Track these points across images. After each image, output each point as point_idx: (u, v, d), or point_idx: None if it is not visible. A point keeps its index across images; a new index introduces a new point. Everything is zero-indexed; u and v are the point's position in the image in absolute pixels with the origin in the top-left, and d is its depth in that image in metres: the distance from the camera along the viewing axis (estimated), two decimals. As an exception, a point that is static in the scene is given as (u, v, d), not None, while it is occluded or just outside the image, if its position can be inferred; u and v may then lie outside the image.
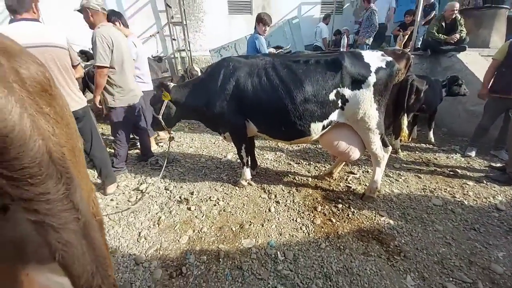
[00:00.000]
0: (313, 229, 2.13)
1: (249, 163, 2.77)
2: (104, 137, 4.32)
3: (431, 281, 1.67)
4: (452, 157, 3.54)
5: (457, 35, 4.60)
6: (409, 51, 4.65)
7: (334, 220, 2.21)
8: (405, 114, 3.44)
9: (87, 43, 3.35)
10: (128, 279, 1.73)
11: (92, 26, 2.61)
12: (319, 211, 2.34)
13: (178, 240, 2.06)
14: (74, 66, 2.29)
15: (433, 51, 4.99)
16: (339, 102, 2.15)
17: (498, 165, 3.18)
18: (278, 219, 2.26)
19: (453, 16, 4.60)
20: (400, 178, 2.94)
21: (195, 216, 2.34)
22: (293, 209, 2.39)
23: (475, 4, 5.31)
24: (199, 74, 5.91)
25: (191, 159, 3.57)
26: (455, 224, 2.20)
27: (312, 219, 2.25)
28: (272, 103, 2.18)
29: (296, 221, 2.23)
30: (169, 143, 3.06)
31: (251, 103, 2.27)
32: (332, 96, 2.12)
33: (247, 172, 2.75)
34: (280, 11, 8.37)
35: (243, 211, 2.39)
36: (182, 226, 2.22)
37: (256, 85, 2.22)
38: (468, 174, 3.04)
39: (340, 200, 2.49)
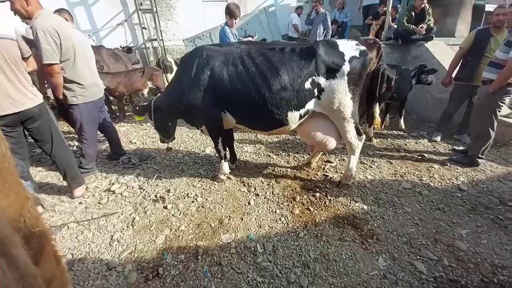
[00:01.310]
0: (292, 219, 2.15)
1: (227, 156, 2.72)
2: (71, 135, 4.01)
3: (401, 261, 1.77)
4: (420, 142, 3.76)
5: (424, 26, 4.78)
6: (381, 40, 4.79)
7: (312, 209, 2.26)
8: (378, 103, 3.56)
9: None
10: (100, 286, 1.63)
11: (26, 16, 2.16)
12: (298, 201, 2.38)
13: (154, 241, 1.98)
14: (25, 59, 2.04)
15: (404, 40, 5.16)
16: (315, 91, 2.15)
17: (461, 148, 3.43)
18: (258, 212, 2.26)
19: (422, 6, 4.77)
20: (373, 164, 3.07)
21: (172, 215, 2.26)
22: (273, 201, 2.40)
23: (442, -6, 5.52)
24: (173, 65, 5.64)
25: (167, 155, 3.43)
26: (422, 206, 2.35)
27: (291, 209, 2.27)
28: (248, 92, 2.14)
29: (275, 212, 2.24)
30: (166, 152, 3.06)
31: (227, 93, 2.21)
32: (307, 85, 2.12)
33: (225, 166, 2.70)
34: (256, -1, 8.16)
35: (222, 206, 2.36)
36: (158, 226, 2.14)
37: (232, 74, 2.16)
38: (434, 158, 3.25)
39: (317, 189, 2.54)
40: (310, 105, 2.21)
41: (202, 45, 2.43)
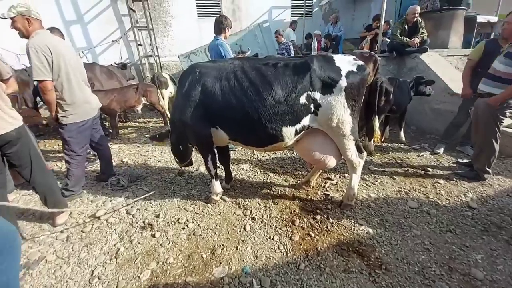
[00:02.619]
0: (291, 247, 1.96)
1: (217, 175, 2.59)
2: (61, 154, 3.84)
3: (415, 295, 1.58)
4: (423, 155, 3.63)
5: (417, 39, 4.79)
6: (376, 53, 4.78)
7: (313, 235, 2.07)
8: (377, 116, 3.48)
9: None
10: (72, 337, 1.42)
11: (25, 34, 2.24)
12: (297, 225, 2.19)
13: (139, 277, 1.78)
14: (4, 81, 1.92)
15: (398, 53, 5.18)
16: (311, 106, 2.05)
17: (465, 161, 3.30)
18: (254, 239, 2.07)
19: (415, 19, 4.81)
20: (376, 181, 2.91)
21: (160, 244, 2.07)
22: (270, 226, 2.22)
23: (434, 7, 5.61)
24: (168, 80, 5.58)
25: (159, 175, 3.26)
26: (432, 227, 2.17)
27: (290, 235, 2.09)
28: (241, 107, 2.05)
29: (273, 239, 2.05)
30: (179, 175, 3.07)
31: (219, 108, 2.13)
32: (303, 100, 2.02)
33: (217, 186, 2.56)
34: (251, 15, 8.31)
35: (215, 233, 2.17)
36: (144, 258, 1.94)
37: (224, 89, 2.08)
38: (438, 172, 3.10)
39: (318, 211, 2.36)
40: (306, 120, 2.10)
41: (197, 62, 2.37)
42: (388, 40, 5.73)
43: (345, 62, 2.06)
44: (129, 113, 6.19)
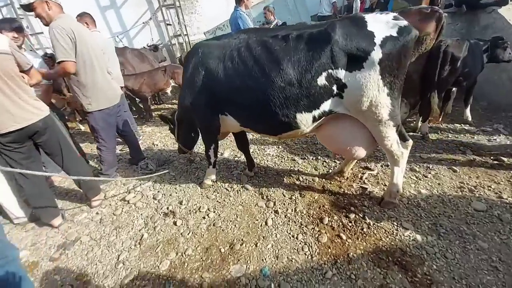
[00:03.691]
0: (317, 250, 1.73)
1: (216, 163, 2.54)
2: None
3: (477, 329, 1.24)
4: (495, 139, 2.88)
5: None
6: (439, 8, 3.80)
7: (344, 237, 1.79)
8: (436, 90, 2.79)
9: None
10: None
11: (47, 20, 2.22)
12: (326, 224, 1.93)
13: (158, 266, 1.78)
14: (25, 72, 1.95)
15: (469, 6, 4.04)
16: (334, 88, 1.64)
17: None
18: (276, 236, 1.89)
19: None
20: (429, 173, 2.40)
21: (181, 234, 2.03)
22: (295, 222, 2.00)
23: None
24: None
25: (185, 159, 3.25)
26: (504, 238, 1.69)
27: (317, 235, 1.84)
28: (247, 90, 1.78)
29: (297, 238, 1.84)
30: (190, 164, 3.04)
31: (225, 92, 1.89)
32: (322, 81, 1.62)
33: (213, 172, 2.57)
34: (283, -23, 7.39)
35: (235, 226, 2.04)
36: (165, 247, 1.94)
37: (228, 70, 1.81)
38: (519, 163, 2.41)
39: (352, 208, 2.04)
40: (328, 105, 1.71)
41: (200, 41, 2.11)
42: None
43: (381, 24, 1.55)
44: (163, 95, 6.33)
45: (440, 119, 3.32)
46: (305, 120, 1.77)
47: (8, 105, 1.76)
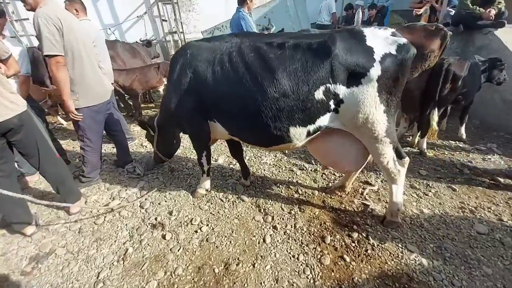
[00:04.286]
0: (320, 274, 1.61)
1: (209, 172, 2.41)
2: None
3: None
4: (490, 159, 2.91)
5: (493, 11, 3.75)
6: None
7: (348, 259, 1.69)
8: (436, 108, 2.79)
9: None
10: None
11: (33, 6, 2.01)
12: (329, 244, 1.82)
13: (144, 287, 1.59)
14: (2, 61, 1.72)
15: (466, 26, 4.16)
16: (331, 103, 1.57)
17: (553, 171, 2.55)
18: (275, 256, 1.75)
19: (492, -16, 3.73)
20: (430, 190, 2.36)
21: (170, 249, 1.85)
22: (295, 240, 1.88)
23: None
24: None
25: (176, 164, 3.06)
26: (507, 264, 1.65)
27: (319, 256, 1.73)
28: (236, 98, 1.67)
29: (298, 259, 1.72)
30: (171, 174, 2.85)
31: (213, 99, 1.78)
32: (319, 95, 1.54)
33: (207, 182, 2.43)
34: (284, -17, 7.37)
35: (230, 242, 1.89)
36: (152, 264, 1.75)
37: (217, 75, 1.69)
38: (514, 184, 2.43)
39: (355, 226, 1.95)
40: (324, 120, 1.64)
41: (190, 42, 1.97)
42: (453, 11, 4.65)
43: (380, 40, 1.49)
44: (153, 93, 6.07)
45: (436, 135, 3.34)
46: (298, 135, 1.68)
47: None
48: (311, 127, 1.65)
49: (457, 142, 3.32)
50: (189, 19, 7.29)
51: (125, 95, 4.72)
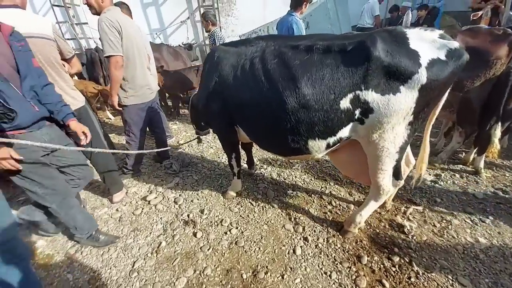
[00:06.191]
0: (354, 296, 1.50)
1: (240, 173, 2.42)
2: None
3: None
4: None
5: None
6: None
7: (387, 285, 1.54)
8: (499, 122, 2.44)
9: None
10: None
11: (98, 10, 2.23)
12: (365, 264, 1.68)
13: (174, 283, 1.64)
14: (67, 60, 1.94)
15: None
16: (357, 112, 1.39)
17: None
18: (305, 270, 1.68)
19: None
20: (488, 218, 2.06)
21: (200, 248, 1.89)
22: (327, 255, 1.77)
23: None
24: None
25: (209, 164, 3.14)
26: None
27: (354, 276, 1.61)
28: (254, 106, 1.62)
29: (330, 277, 1.62)
30: (197, 143, 3.06)
31: (234, 105, 1.76)
32: (345, 103, 1.38)
33: (238, 184, 2.45)
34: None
35: (259, 248, 1.86)
36: (183, 260, 1.80)
37: (238, 81, 1.66)
38: None
39: (396, 249, 1.77)
40: (346, 131, 1.49)
41: (219, 45, 1.97)
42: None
43: (427, 43, 1.29)
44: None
45: (496, 154, 2.92)
46: (317, 147, 1.57)
47: None
48: (331, 140, 1.53)
49: (521, 163, 2.86)
50: (228, 24, 7.53)
51: (166, 95, 5.02)
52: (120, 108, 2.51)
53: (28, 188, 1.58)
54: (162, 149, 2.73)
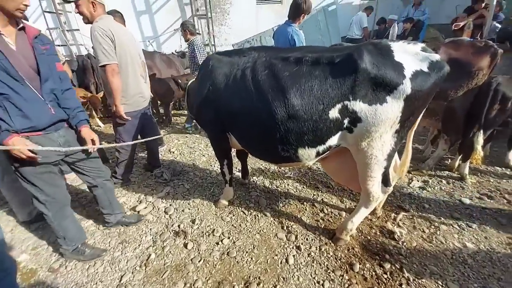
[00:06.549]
0: (347, 305, 1.49)
1: (232, 181, 2.40)
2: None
3: None
4: (546, 191, 2.55)
5: None
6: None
7: (379, 292, 1.54)
8: (482, 130, 2.54)
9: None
10: None
11: (90, 19, 2.22)
12: (357, 272, 1.68)
13: (164, 297, 1.59)
14: None
15: (515, 43, 3.84)
16: (346, 121, 1.45)
17: None
18: (298, 280, 1.66)
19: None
20: (474, 223, 2.11)
21: (191, 260, 1.85)
22: (320, 264, 1.77)
23: None
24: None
25: (201, 172, 3.11)
26: None
27: (346, 285, 1.60)
28: (247, 115, 1.66)
29: (323, 286, 1.60)
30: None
31: (227, 112, 1.79)
32: (334, 113, 1.43)
33: (230, 192, 2.42)
34: (314, -2, 7.47)
35: (251, 258, 1.84)
36: (173, 273, 1.75)
37: (229, 90, 1.71)
38: None
39: (387, 256, 1.79)
40: (334, 140, 1.54)
41: (213, 53, 2.02)
42: (499, 26, 4.33)
43: (410, 56, 1.36)
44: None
45: (480, 161, 3.03)
46: (307, 155, 1.61)
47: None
48: (320, 148, 1.57)
49: (503, 168, 2.97)
50: (221, 33, 7.64)
51: (157, 103, 4.98)
52: (129, 118, 2.48)
53: (32, 192, 1.61)
54: (154, 137, 2.69)
